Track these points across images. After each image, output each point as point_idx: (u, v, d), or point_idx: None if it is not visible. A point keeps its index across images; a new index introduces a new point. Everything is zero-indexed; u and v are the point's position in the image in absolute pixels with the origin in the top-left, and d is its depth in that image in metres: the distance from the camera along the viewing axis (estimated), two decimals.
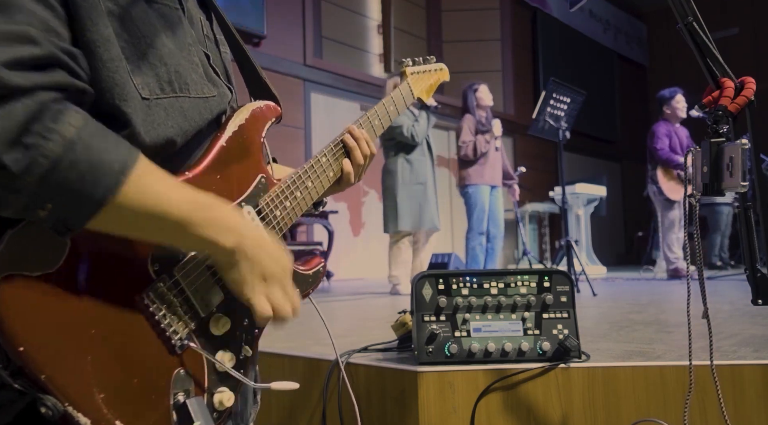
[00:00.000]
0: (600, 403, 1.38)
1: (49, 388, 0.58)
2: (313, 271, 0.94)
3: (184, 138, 0.74)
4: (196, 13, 0.84)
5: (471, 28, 9.73)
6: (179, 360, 0.71)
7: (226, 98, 0.84)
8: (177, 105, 0.73)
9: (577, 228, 7.31)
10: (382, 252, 4.75)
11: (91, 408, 0.61)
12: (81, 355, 0.61)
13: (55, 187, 0.56)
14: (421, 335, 1.41)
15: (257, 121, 0.85)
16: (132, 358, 0.66)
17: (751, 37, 11.65)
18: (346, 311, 3.24)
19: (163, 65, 0.71)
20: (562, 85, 4.47)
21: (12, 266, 0.58)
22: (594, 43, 12.04)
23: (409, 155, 4.54)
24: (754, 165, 0.96)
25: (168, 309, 0.69)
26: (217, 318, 0.76)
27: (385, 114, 1.12)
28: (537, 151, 10.00)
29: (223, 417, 0.76)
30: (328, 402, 1.56)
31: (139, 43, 0.68)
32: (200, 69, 0.79)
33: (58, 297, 0.60)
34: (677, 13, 1.03)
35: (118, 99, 0.66)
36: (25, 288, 0.58)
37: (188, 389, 0.71)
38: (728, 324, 2.12)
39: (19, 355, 0.57)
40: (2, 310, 0.56)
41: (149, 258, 0.69)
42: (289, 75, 6.95)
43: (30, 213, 0.57)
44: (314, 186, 0.94)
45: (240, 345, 0.79)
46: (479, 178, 5.07)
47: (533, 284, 1.46)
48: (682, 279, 5.23)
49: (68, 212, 0.58)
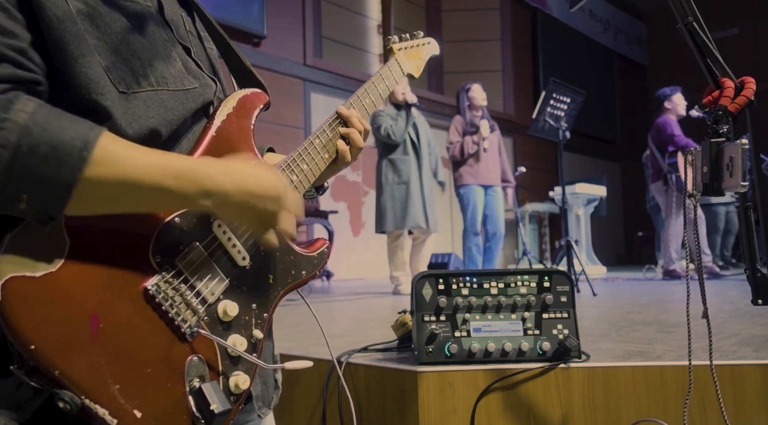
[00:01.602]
0: (600, 403, 1.38)
1: (64, 383, 0.59)
2: (317, 253, 0.94)
3: (168, 127, 0.75)
4: (176, 10, 0.86)
5: (471, 28, 9.73)
6: (191, 347, 0.72)
7: (210, 89, 0.85)
8: (156, 97, 0.73)
9: (577, 228, 7.31)
10: (382, 252, 4.75)
11: (108, 399, 0.62)
12: (92, 349, 0.62)
13: (22, 175, 0.57)
14: (421, 335, 1.41)
15: (245, 108, 0.86)
16: (144, 349, 0.67)
17: (751, 37, 11.65)
18: (346, 311, 3.24)
19: (137, 60, 0.72)
20: (562, 85, 4.47)
21: (14, 268, 0.59)
22: (594, 43, 12.04)
23: (390, 155, 4.58)
24: (754, 165, 0.96)
25: (174, 299, 0.71)
26: (224, 305, 0.77)
27: (376, 91, 1.10)
28: (537, 151, 10.01)
29: (241, 399, 0.77)
30: (328, 402, 1.56)
31: (111, 39, 0.69)
32: (178, 63, 0.80)
33: (63, 295, 0.61)
34: (677, 13, 1.03)
35: (95, 93, 0.67)
36: (29, 289, 0.59)
37: (203, 374, 0.72)
38: (728, 324, 2.12)
39: (32, 354, 0.58)
40: (9, 312, 0.57)
41: (150, 251, 0.70)
42: (289, 75, 6.95)
43: (11, 208, 0.58)
44: (310, 168, 0.94)
45: (250, 330, 0.80)
46: (472, 178, 5.08)
47: (533, 284, 1.46)
48: (682, 279, 5.24)
49: (44, 199, 0.58)
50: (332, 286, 5.79)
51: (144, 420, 0.65)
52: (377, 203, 4.64)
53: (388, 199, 4.52)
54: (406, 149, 4.60)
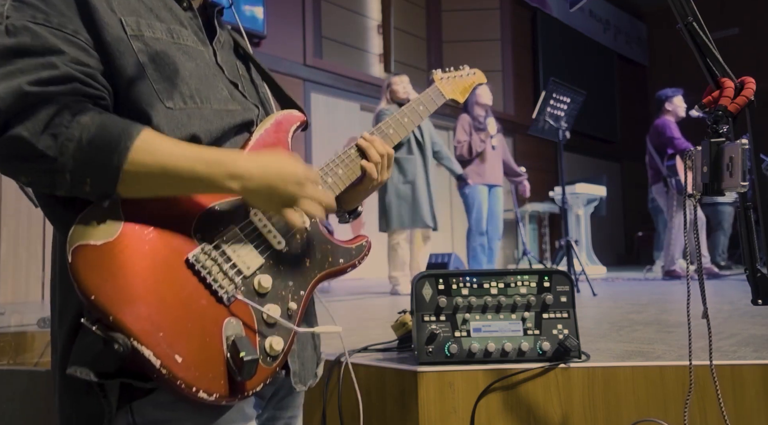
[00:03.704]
0: (600, 403, 1.38)
1: (118, 326, 0.73)
2: (356, 245, 1.04)
3: (208, 136, 0.88)
4: (229, 59, 1.04)
5: (471, 28, 9.73)
6: (229, 310, 0.83)
7: (252, 112, 0.98)
8: (198, 112, 0.89)
9: (577, 228, 7.31)
10: (382, 252, 4.75)
11: (153, 342, 0.74)
12: (141, 302, 0.75)
13: (84, 162, 0.74)
14: (421, 335, 1.41)
15: (282, 125, 1.00)
16: (186, 307, 0.79)
17: (751, 37, 11.65)
18: (346, 311, 3.24)
19: (185, 85, 0.89)
20: (562, 85, 4.47)
21: (82, 238, 0.75)
22: (594, 43, 12.04)
23: (395, 154, 4.54)
24: (754, 165, 0.96)
25: (212, 268, 0.83)
26: (260, 278, 0.87)
27: (415, 113, 1.22)
28: (537, 151, 10.00)
29: (278, 361, 0.86)
30: (328, 402, 1.56)
31: (165, 71, 0.87)
32: (225, 91, 0.95)
33: (118, 259, 0.76)
34: (677, 13, 1.03)
35: (145, 105, 0.84)
36: (92, 253, 0.75)
37: (239, 333, 0.82)
38: (728, 324, 2.12)
39: (92, 303, 0.73)
40: (77, 271, 0.73)
41: (192, 229, 0.83)
42: (289, 75, 6.95)
43: (78, 189, 0.76)
44: (345, 173, 1.06)
45: (286, 302, 0.90)
46: (477, 177, 5.07)
47: (533, 284, 1.46)
48: (682, 280, 5.24)
49: (101, 180, 0.75)
50: (332, 286, 5.79)
51: (183, 364, 0.75)
52: (381, 202, 4.61)
53: (393, 197, 4.50)
54: (411, 148, 4.58)
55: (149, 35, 0.88)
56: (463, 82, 1.36)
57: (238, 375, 0.78)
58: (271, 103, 1.11)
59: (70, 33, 0.81)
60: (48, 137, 0.73)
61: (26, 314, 3.28)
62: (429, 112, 1.25)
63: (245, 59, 1.11)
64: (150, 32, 0.88)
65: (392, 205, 4.50)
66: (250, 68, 1.12)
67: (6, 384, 2.01)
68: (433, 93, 1.28)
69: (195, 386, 0.76)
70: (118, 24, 0.85)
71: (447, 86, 1.32)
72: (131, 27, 0.86)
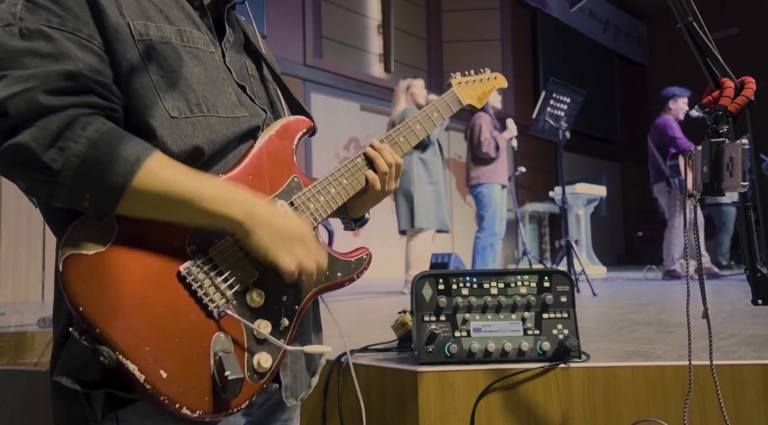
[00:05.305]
0: (600, 403, 1.38)
1: (103, 339, 0.72)
2: (355, 258, 1.02)
3: (212, 146, 0.88)
4: (238, 58, 1.01)
5: (471, 28, 9.73)
6: (219, 325, 0.82)
7: (259, 117, 0.97)
8: (204, 122, 0.87)
9: (577, 228, 7.31)
10: (382, 252, 4.75)
11: (138, 357, 0.74)
12: (129, 315, 0.75)
13: (87, 179, 0.73)
14: (421, 335, 1.41)
15: (288, 130, 0.98)
16: (175, 321, 0.78)
17: (751, 37, 11.65)
18: (346, 311, 3.24)
19: (192, 92, 0.87)
20: (562, 85, 4.47)
21: (73, 247, 0.75)
22: (594, 43, 12.04)
23: (423, 154, 4.53)
24: (754, 165, 0.96)
25: (204, 282, 0.81)
26: (253, 292, 0.86)
27: (428, 120, 1.18)
28: (537, 150, 10.00)
29: (265, 378, 0.85)
30: (328, 401, 1.56)
31: (171, 77, 0.86)
32: (233, 97, 0.94)
33: (108, 270, 0.75)
34: (677, 13, 1.03)
35: (147, 116, 0.83)
36: (83, 264, 0.74)
37: (227, 349, 0.81)
38: (728, 324, 2.12)
39: (80, 314, 0.72)
40: (66, 281, 0.73)
41: (186, 240, 0.82)
42: (289, 75, 6.95)
43: (75, 203, 0.75)
44: (350, 183, 1.03)
45: (278, 318, 0.89)
46: (493, 176, 5.06)
47: (533, 284, 1.46)
48: (682, 279, 5.24)
49: (101, 199, 0.75)
50: None
51: (168, 379, 0.75)
52: (404, 200, 4.53)
53: (420, 196, 4.47)
54: (435, 150, 4.60)
55: (158, 39, 0.86)
56: (482, 86, 1.31)
57: (222, 393, 0.78)
58: (282, 102, 1.09)
59: (85, 38, 0.79)
60: (54, 150, 0.72)
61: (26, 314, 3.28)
62: (443, 119, 1.20)
63: (256, 56, 1.09)
64: (158, 36, 0.86)
65: (419, 203, 4.46)
66: (261, 66, 1.09)
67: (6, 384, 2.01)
68: (450, 98, 1.24)
69: (178, 402, 0.75)
70: (126, 29, 0.83)
71: (465, 91, 1.27)
72: (139, 32, 0.85)
